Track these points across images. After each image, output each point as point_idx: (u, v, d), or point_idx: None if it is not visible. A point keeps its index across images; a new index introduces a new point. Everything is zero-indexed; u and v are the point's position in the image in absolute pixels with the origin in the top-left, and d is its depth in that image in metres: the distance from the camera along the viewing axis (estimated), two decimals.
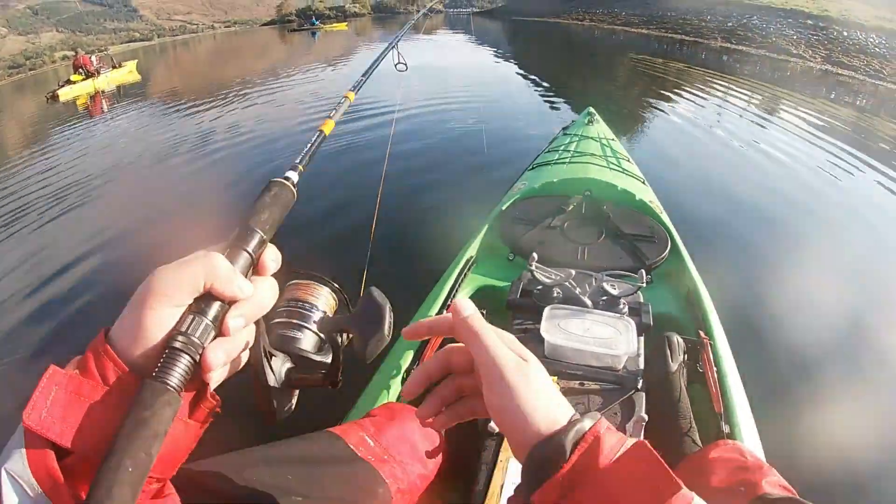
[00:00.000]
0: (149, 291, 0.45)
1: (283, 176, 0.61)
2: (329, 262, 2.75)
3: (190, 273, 0.46)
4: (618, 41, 23.89)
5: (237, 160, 6.30)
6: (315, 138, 0.80)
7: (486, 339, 0.53)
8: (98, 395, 0.42)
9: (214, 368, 0.47)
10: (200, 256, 0.48)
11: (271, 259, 0.54)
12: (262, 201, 0.56)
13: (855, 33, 17.93)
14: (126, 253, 3.73)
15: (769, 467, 1.18)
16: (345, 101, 1.09)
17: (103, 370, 0.44)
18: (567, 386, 1.48)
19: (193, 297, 0.47)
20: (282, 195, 0.58)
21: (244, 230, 0.52)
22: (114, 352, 0.44)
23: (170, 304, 0.45)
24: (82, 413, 0.41)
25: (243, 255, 0.51)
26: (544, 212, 2.51)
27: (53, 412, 0.41)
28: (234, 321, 0.49)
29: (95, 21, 52.06)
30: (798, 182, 5.54)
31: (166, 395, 0.42)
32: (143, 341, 0.45)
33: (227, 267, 0.48)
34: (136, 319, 0.45)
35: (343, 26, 41.26)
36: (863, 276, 3.58)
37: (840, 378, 2.62)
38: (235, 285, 0.48)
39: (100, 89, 15.54)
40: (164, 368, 0.43)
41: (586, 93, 10.40)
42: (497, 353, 0.52)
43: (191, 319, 0.46)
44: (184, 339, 0.45)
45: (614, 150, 3.39)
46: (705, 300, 2.00)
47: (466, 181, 5.18)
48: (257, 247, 0.52)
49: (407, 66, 2.05)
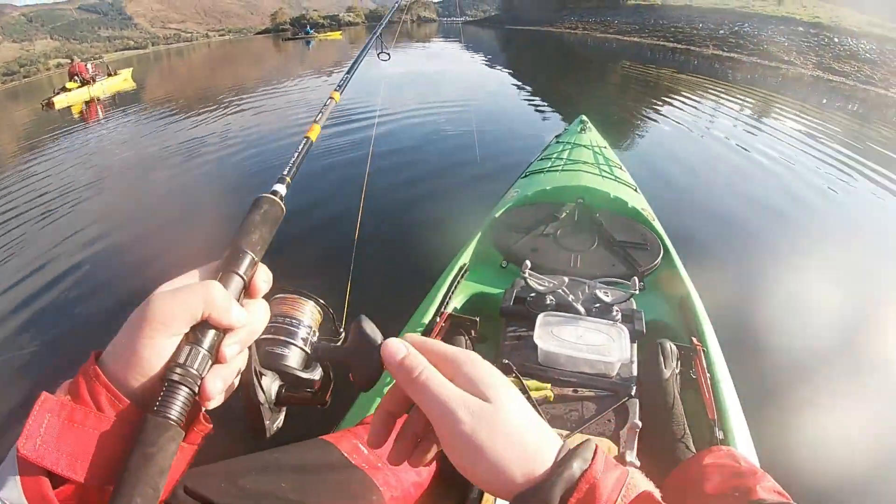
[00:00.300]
0: (145, 320, 0.44)
1: (271, 190, 0.60)
2: (314, 270, 2.71)
3: (188, 302, 0.45)
4: (610, 49, 24.03)
5: (228, 167, 6.29)
6: (302, 146, 0.78)
7: (429, 387, 0.45)
8: (92, 421, 0.42)
9: (213, 398, 0.47)
10: (198, 286, 0.47)
11: (263, 280, 0.53)
12: (252, 220, 0.55)
13: (846, 39, 18.10)
14: (113, 266, 3.65)
15: (763, 473, 1.18)
16: (330, 101, 1.04)
17: (96, 397, 0.43)
18: (561, 393, 1.49)
19: (190, 325, 0.46)
20: (271, 212, 0.57)
21: (235, 252, 0.52)
22: (106, 377, 0.44)
23: (167, 334, 0.44)
24: (77, 441, 0.41)
25: (236, 280, 0.50)
26: (537, 219, 2.52)
27: (47, 440, 0.40)
28: (230, 349, 0.48)
29: (90, 29, 52.09)
30: (790, 188, 5.58)
31: (170, 430, 0.43)
32: (139, 370, 0.44)
33: (225, 296, 0.47)
34: (132, 348, 0.44)
35: (337, 35, 41.32)
36: (855, 281, 3.59)
37: (833, 383, 2.63)
38: (233, 315, 0.47)
39: (95, 97, 15.51)
40: (166, 402, 0.43)
41: (579, 101, 10.43)
42: (445, 402, 0.44)
43: (188, 350, 0.46)
44: (182, 372, 0.44)
45: (607, 157, 3.40)
46: (698, 307, 2.01)
47: (458, 190, 5.17)
48: (249, 268, 0.52)
49: (390, 56, 2.00)
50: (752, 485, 1.12)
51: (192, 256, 0.51)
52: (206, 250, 0.52)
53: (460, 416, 0.43)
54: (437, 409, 0.44)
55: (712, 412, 1.50)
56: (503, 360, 1.58)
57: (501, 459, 0.41)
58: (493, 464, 0.41)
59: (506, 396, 0.45)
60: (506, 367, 1.55)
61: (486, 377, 0.46)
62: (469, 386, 0.45)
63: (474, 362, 0.47)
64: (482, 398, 0.44)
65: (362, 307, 0.71)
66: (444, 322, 1.87)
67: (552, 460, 0.42)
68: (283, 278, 0.57)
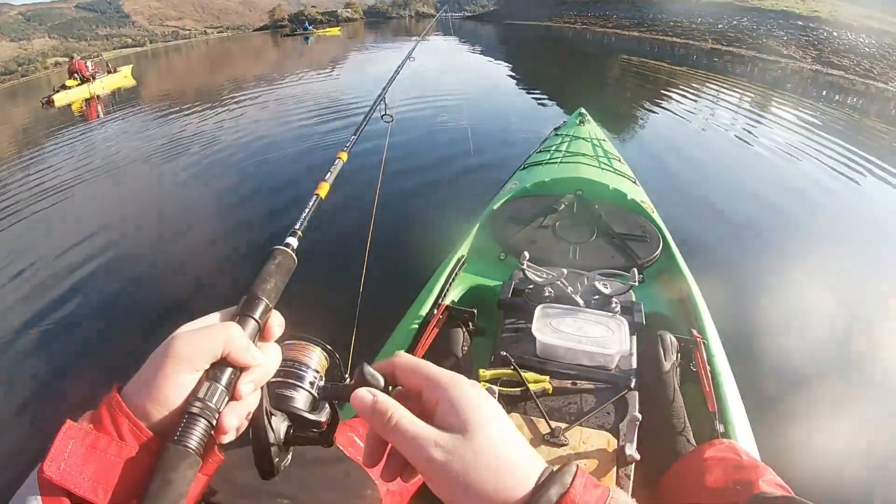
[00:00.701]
0: (169, 356, 0.48)
1: (284, 243, 0.67)
2: (321, 312, 2.62)
3: (210, 342, 0.50)
4: (609, 44, 23.98)
5: (231, 175, 6.23)
6: (312, 203, 0.87)
7: (400, 429, 0.46)
8: (114, 449, 0.45)
9: (228, 432, 0.50)
10: (219, 327, 0.52)
11: (276, 325, 0.58)
12: (267, 269, 0.61)
13: (845, 34, 18.05)
14: (127, 293, 3.53)
15: (765, 466, 1.17)
16: (338, 162, 1.12)
17: (118, 426, 0.46)
18: (559, 385, 1.47)
19: (210, 363, 0.50)
20: (284, 263, 0.64)
21: (251, 298, 0.57)
22: (128, 409, 0.47)
23: (189, 371, 0.49)
24: (99, 466, 0.44)
25: (251, 323, 0.55)
26: (536, 211, 2.50)
27: (71, 464, 0.43)
28: (245, 387, 0.52)
29: (88, 27, 51.98)
30: (789, 182, 5.57)
31: (189, 458, 0.46)
32: (161, 403, 0.48)
33: (243, 337, 0.52)
34: (155, 382, 0.48)
35: (336, 31, 41.22)
36: (856, 274, 3.58)
37: (834, 376, 2.62)
38: (250, 355, 0.52)
39: (95, 94, 15.57)
40: (186, 433, 0.47)
41: (578, 94, 10.44)
42: (417, 442, 0.45)
43: (207, 386, 0.50)
44: (201, 405, 0.48)
45: (606, 150, 3.39)
46: (698, 299, 1.99)
47: (455, 184, 5.17)
48: (263, 314, 0.57)
49: (393, 118, 2.05)
50: (754, 478, 1.11)
51: (205, 282, 0.52)
52: (216, 274, 0.53)
53: (432, 454, 0.44)
54: (410, 450, 0.45)
55: (713, 405, 1.49)
56: (501, 352, 1.56)
57: (478, 491, 0.42)
58: (471, 495, 0.42)
59: (486, 423, 0.45)
60: (504, 360, 1.53)
61: (468, 402, 0.46)
62: (450, 412, 0.46)
63: (458, 386, 0.48)
64: (461, 426, 0.45)
65: (368, 345, 0.71)
66: (441, 314, 1.85)
67: (531, 486, 0.43)
68: (294, 321, 0.61)
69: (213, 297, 3.06)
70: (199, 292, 3.25)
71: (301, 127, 6.82)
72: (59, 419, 0.45)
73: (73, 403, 0.46)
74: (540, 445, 1.29)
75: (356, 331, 1.84)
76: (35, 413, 2.65)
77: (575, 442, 1.30)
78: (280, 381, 0.64)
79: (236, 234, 3.73)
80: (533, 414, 1.38)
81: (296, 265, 0.65)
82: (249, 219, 3.83)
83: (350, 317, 1.88)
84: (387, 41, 29.17)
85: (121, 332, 3.20)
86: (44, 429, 2.38)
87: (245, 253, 3.47)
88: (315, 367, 0.66)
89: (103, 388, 0.49)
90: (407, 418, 0.47)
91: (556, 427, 1.32)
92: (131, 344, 2.98)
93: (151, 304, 3.37)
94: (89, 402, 0.49)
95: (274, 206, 4.00)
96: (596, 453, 1.27)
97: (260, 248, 3.20)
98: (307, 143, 5.11)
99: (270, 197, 4.08)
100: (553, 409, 1.41)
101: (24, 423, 2.60)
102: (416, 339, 1.79)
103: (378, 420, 0.48)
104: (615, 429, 1.35)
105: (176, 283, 3.48)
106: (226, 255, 3.53)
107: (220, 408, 0.50)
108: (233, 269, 3.31)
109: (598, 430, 1.34)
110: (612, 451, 1.27)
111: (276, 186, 4.31)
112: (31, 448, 2.40)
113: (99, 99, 14.97)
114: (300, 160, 4.64)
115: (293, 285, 0.65)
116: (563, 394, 1.46)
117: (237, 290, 0.55)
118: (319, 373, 0.67)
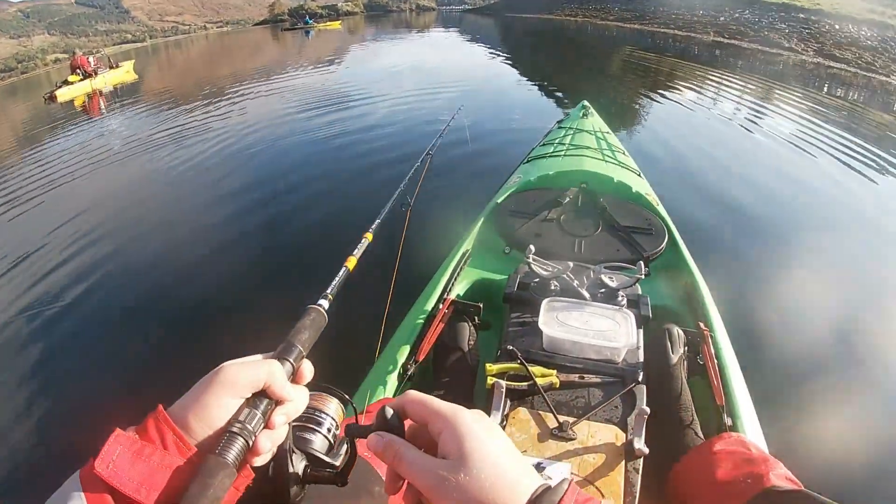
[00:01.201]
0: (217, 382, 0.56)
1: (318, 303, 0.78)
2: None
3: (254, 373, 0.57)
4: (611, 37, 23.87)
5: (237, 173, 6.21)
6: (341, 273, 1.01)
7: (405, 464, 0.54)
8: (157, 457, 0.51)
9: (263, 454, 0.57)
10: (263, 362, 0.59)
11: (307, 370, 0.66)
12: (303, 323, 0.71)
13: (847, 26, 17.97)
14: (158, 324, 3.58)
15: (775, 460, 1.16)
16: (364, 241, 1.29)
17: (163, 437, 0.52)
18: (567, 379, 1.46)
19: (253, 392, 0.58)
20: (317, 320, 0.73)
21: (289, 345, 0.65)
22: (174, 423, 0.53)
23: (234, 396, 0.56)
24: (144, 470, 0.50)
25: (287, 365, 0.62)
26: (540, 204, 2.49)
27: (119, 465, 0.49)
28: (279, 418, 0.60)
29: (87, 23, 51.78)
30: (795, 173, 5.55)
31: (227, 469, 0.52)
32: (205, 421, 0.54)
33: (283, 373, 0.60)
34: (203, 402, 0.55)
35: (336, 25, 41.05)
36: (863, 267, 3.57)
37: (843, 369, 2.61)
38: (286, 390, 0.60)
39: (97, 89, 15.56)
40: (226, 447, 0.54)
41: (580, 87, 10.38)
42: (421, 473, 0.52)
43: (248, 412, 0.57)
44: (241, 427, 0.55)
45: (609, 142, 3.37)
46: (704, 291, 1.98)
47: (452, 175, 5.17)
48: (297, 359, 0.64)
49: (411, 206, 2.34)
50: (764, 472, 1.11)
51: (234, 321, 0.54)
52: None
53: (433, 481, 0.50)
54: (417, 480, 0.52)
55: (720, 398, 1.48)
56: (508, 346, 1.55)
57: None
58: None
59: (481, 447, 0.51)
60: (510, 354, 1.52)
61: (466, 430, 0.52)
62: (450, 441, 0.51)
63: (457, 417, 0.53)
64: (459, 453, 0.50)
65: None
66: (447, 308, 1.84)
67: (524, 502, 0.48)
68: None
69: (236, 334, 3.15)
70: (225, 329, 3.34)
71: (331, 190, 6.39)
72: (98, 428, 0.52)
73: (123, 418, 0.52)
74: (548, 440, 1.29)
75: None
76: (77, 420, 2.72)
77: (583, 436, 1.29)
78: (302, 424, 0.73)
79: (266, 284, 3.89)
80: (540, 408, 1.37)
81: (326, 323, 0.75)
82: (281, 277, 3.97)
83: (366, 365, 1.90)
84: (388, 35, 29.03)
85: (148, 356, 3.28)
86: (80, 437, 2.44)
87: (274, 299, 3.56)
88: (332, 415, 0.76)
89: (139, 404, 0.55)
90: (411, 453, 0.54)
91: (563, 421, 1.31)
92: (164, 365, 3.10)
93: (183, 332, 3.49)
94: (133, 416, 0.56)
95: (301, 264, 4.10)
96: (604, 447, 1.26)
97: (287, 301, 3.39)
98: (336, 205, 5.10)
99: (299, 258, 4.18)
100: (560, 403, 1.41)
101: (69, 427, 2.69)
102: (421, 333, 1.78)
103: (388, 457, 0.55)
104: (623, 423, 1.34)
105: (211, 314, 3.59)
106: (255, 298, 3.66)
107: (256, 431, 0.57)
108: (261, 311, 3.40)
109: (606, 423, 1.33)
110: (621, 445, 1.26)
111: (306, 249, 4.37)
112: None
113: (101, 94, 14.97)
114: (327, 220, 4.68)
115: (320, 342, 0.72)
116: (570, 388, 1.45)
117: (262, 326, 0.59)
118: (336, 421, 0.76)
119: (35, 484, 2.38)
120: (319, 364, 0.69)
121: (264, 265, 4.15)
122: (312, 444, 0.72)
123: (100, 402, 2.84)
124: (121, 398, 2.81)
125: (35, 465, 2.51)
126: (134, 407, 0.60)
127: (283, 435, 0.62)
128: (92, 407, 2.79)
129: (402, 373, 1.63)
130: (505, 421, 1.35)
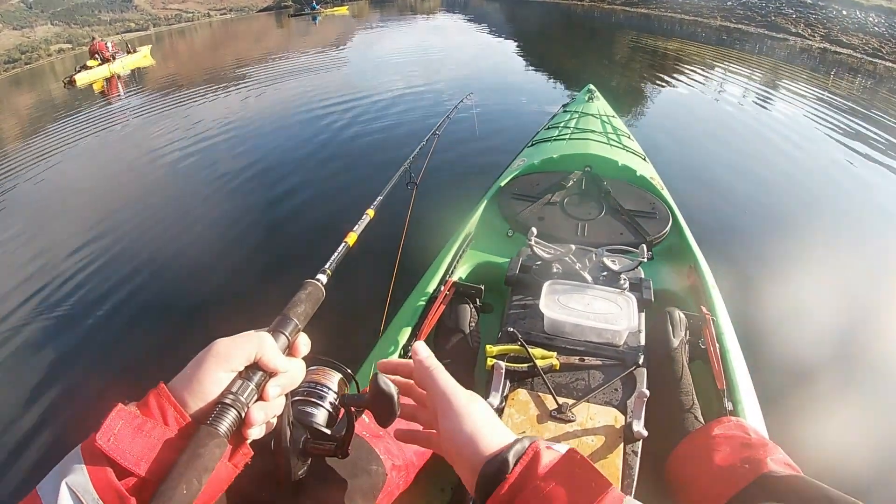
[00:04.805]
0: (210, 355, 0.57)
1: (315, 277, 0.78)
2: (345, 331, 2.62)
3: (245, 346, 0.59)
4: (618, 21, 23.61)
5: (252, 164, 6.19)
6: (341, 248, 1.02)
7: (438, 378, 0.66)
8: (158, 432, 0.53)
9: (255, 424, 0.58)
10: (254, 335, 0.61)
11: (303, 344, 0.67)
12: (299, 296, 0.71)
13: (854, 12, 17.75)
14: (149, 306, 3.60)
15: (774, 445, 1.16)
16: (366, 217, 1.32)
17: (164, 413, 0.54)
18: (567, 361, 1.45)
19: (245, 365, 0.59)
20: (314, 294, 0.73)
21: (284, 318, 0.66)
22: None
23: (226, 369, 0.57)
24: (143, 444, 0.51)
25: (282, 338, 0.63)
26: (544, 188, 2.47)
27: (120, 438, 0.51)
28: (272, 389, 0.61)
29: (90, 13, 51.28)
30: (801, 160, 5.50)
31: (217, 438, 0.53)
32: (200, 395, 0.56)
33: (273, 345, 0.61)
34: (197, 377, 0.56)
35: (344, 10, 40.44)
36: (868, 255, 3.55)
37: (845, 356, 2.61)
38: (278, 361, 0.61)
39: (115, 73, 15.82)
40: (218, 418, 0.55)
41: (586, 71, 10.30)
42: (448, 388, 0.65)
43: (240, 383, 0.58)
44: (233, 398, 0.56)
45: (615, 126, 3.34)
46: (707, 276, 1.96)
47: (460, 156, 5.15)
48: (293, 332, 0.65)
49: (417, 185, 2.34)
50: (763, 457, 1.10)
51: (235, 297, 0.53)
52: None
53: (459, 398, 0.63)
54: (442, 391, 0.64)
55: (721, 382, 1.47)
56: (509, 328, 1.55)
57: (479, 433, 0.60)
58: (473, 435, 0.60)
59: (482, 400, 0.66)
60: (511, 336, 1.51)
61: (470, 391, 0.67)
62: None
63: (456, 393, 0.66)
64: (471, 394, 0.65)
65: None
66: (448, 290, 1.84)
67: (510, 441, 0.59)
68: (318, 348, 0.70)
69: (239, 310, 3.16)
70: (223, 304, 3.39)
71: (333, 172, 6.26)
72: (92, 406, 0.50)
73: (123, 395, 0.52)
74: (547, 421, 1.29)
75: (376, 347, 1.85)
76: (79, 396, 2.79)
77: (582, 418, 1.29)
78: (303, 399, 0.75)
79: (267, 262, 3.91)
80: (540, 390, 1.37)
81: (324, 297, 0.75)
82: (280, 252, 4.01)
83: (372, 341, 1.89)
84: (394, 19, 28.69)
85: (151, 335, 3.30)
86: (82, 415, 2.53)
87: (275, 278, 3.57)
88: (335, 389, 0.78)
89: (140, 381, 0.55)
90: (446, 374, 0.66)
91: (563, 403, 1.31)
92: (165, 345, 3.11)
93: (183, 311, 3.50)
94: (134, 393, 0.57)
95: (301, 239, 4.11)
96: (603, 429, 1.26)
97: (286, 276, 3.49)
98: (337, 182, 5.07)
99: (301, 236, 4.17)
100: (560, 385, 1.40)
101: (71, 403, 2.77)
102: (423, 315, 1.78)
103: (423, 369, 0.66)
104: (623, 405, 1.34)
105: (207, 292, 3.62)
106: (256, 277, 3.71)
107: (249, 403, 0.58)
108: (262, 290, 3.42)
109: (605, 406, 1.33)
110: (620, 428, 1.26)
111: (308, 224, 4.33)
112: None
113: (119, 78, 15.24)
114: (330, 200, 4.66)
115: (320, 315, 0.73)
116: (570, 370, 1.45)
117: (263, 306, 0.58)
118: (338, 395, 0.78)
119: (38, 458, 2.43)
120: (324, 340, 0.70)
121: (265, 243, 4.19)
122: (314, 418, 0.74)
123: (101, 378, 2.89)
124: (122, 375, 2.86)
125: (38, 440, 2.55)
126: (135, 384, 0.62)
127: (277, 407, 0.63)
128: (94, 384, 2.85)
129: (402, 354, 1.63)
130: (504, 402, 1.35)
